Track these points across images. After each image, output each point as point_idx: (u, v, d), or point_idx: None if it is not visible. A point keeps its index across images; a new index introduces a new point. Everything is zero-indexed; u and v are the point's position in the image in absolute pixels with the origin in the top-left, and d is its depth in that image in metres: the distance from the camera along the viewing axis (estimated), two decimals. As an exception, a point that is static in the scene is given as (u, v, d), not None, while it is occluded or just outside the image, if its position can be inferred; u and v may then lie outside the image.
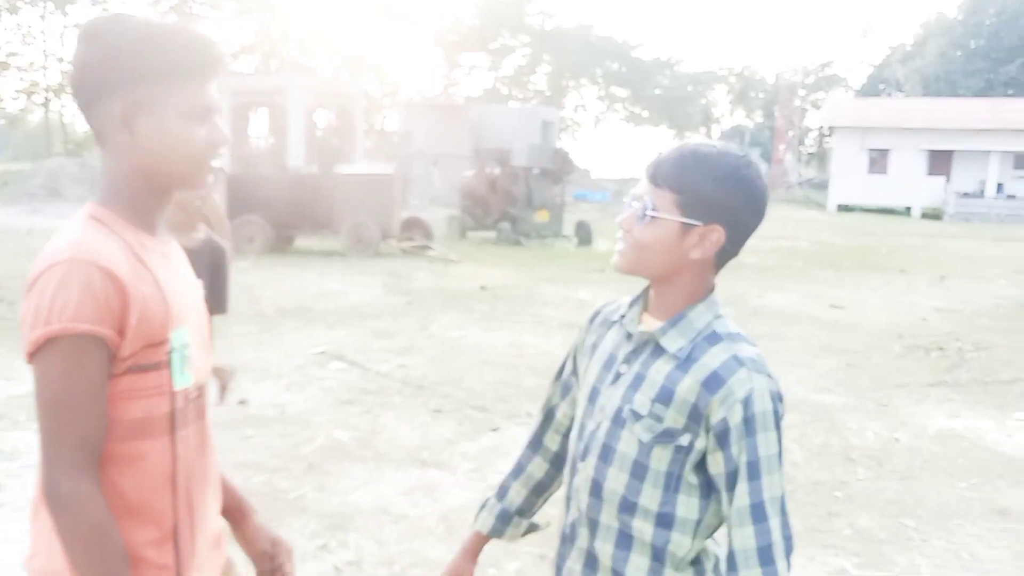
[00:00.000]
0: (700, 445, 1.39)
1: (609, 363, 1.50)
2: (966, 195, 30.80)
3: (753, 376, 1.36)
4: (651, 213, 1.39)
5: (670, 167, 1.39)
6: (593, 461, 1.47)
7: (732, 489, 1.37)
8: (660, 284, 1.46)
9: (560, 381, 1.69)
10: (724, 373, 1.36)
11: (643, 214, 1.40)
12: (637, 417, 1.42)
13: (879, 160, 32.80)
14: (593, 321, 1.63)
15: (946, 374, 7.22)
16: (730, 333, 1.43)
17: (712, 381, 1.37)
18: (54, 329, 1.21)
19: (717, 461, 1.38)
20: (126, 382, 1.28)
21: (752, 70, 53.93)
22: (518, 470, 1.73)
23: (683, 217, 1.38)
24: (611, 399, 1.47)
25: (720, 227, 1.39)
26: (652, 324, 1.46)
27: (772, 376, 1.39)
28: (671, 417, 1.39)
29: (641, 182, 1.44)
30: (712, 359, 1.38)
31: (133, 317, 1.25)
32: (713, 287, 1.47)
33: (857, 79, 52.87)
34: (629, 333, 1.49)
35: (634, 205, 1.42)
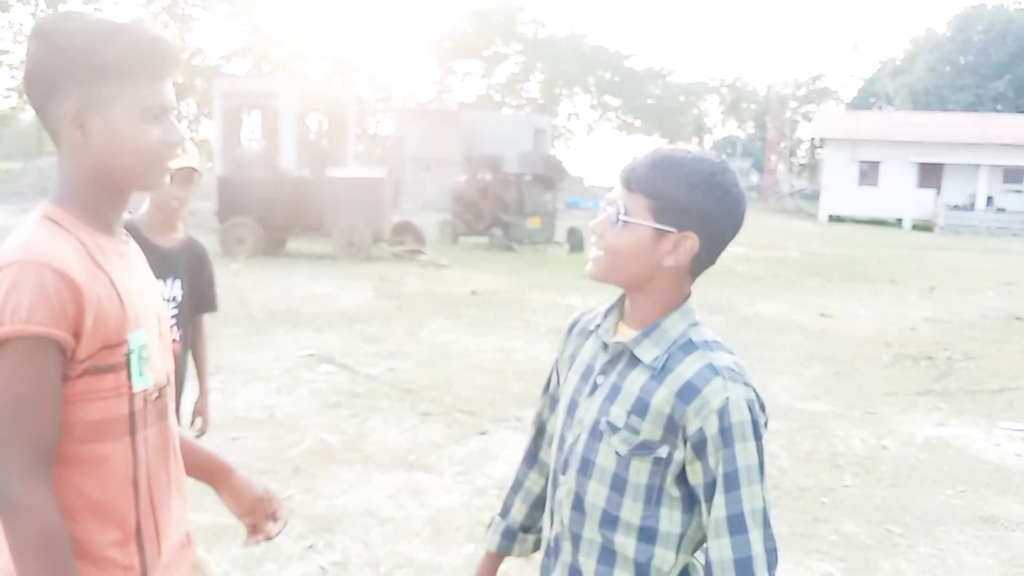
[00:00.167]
0: (679, 457, 1.36)
1: (587, 374, 1.48)
2: (956, 208, 30.98)
3: (729, 385, 1.33)
4: (624, 218, 1.37)
5: (644, 172, 1.37)
6: (573, 474, 1.45)
7: (710, 500, 1.33)
8: (634, 292, 1.43)
9: (548, 394, 1.67)
10: (698, 383, 1.33)
11: (616, 219, 1.38)
12: (614, 429, 1.39)
13: (870, 172, 32.97)
14: (572, 331, 1.60)
15: (934, 383, 7.24)
16: (706, 341, 1.39)
17: (686, 391, 1.33)
18: (6, 331, 1.19)
19: (696, 472, 1.35)
20: (84, 384, 1.26)
21: (744, 82, 54.23)
22: (517, 486, 1.72)
23: (656, 223, 1.36)
24: (588, 411, 1.44)
25: (694, 234, 1.36)
26: (627, 334, 1.43)
27: (750, 384, 1.35)
28: (647, 429, 1.36)
29: (615, 187, 1.41)
30: (686, 369, 1.35)
31: (88, 319, 1.23)
32: (689, 295, 1.43)
33: (848, 92, 53.31)
34: (605, 343, 1.46)
35: (608, 210, 1.40)
